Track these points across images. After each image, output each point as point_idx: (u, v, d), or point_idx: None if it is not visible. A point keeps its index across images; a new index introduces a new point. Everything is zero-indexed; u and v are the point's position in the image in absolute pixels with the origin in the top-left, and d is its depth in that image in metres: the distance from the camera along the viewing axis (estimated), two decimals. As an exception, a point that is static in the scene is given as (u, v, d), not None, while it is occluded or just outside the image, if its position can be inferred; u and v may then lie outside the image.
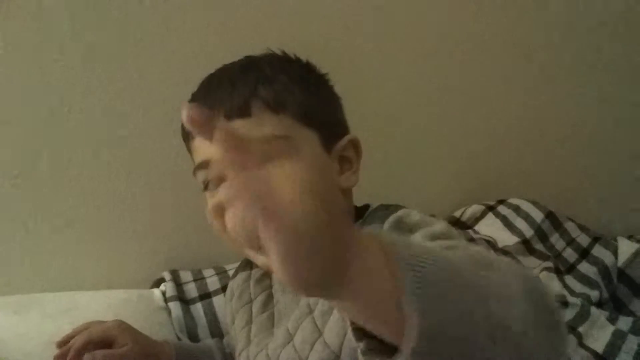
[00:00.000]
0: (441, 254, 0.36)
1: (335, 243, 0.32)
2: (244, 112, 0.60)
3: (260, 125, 0.59)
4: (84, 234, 0.98)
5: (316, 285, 0.32)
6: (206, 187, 0.64)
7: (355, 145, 0.67)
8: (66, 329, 0.74)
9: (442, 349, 0.32)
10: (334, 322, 0.57)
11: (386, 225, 0.55)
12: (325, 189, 0.58)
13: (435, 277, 0.33)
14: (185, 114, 0.30)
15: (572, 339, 0.86)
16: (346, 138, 0.66)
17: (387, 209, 0.63)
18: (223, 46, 0.92)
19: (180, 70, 0.96)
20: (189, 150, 0.67)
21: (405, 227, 0.54)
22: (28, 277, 0.94)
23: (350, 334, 0.53)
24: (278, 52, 0.69)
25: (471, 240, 1.08)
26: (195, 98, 0.66)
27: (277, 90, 0.61)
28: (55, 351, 0.70)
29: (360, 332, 0.36)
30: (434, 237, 0.50)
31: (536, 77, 1.27)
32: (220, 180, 0.61)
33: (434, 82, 1.20)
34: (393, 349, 0.34)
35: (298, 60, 0.69)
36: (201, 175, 0.63)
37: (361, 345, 0.36)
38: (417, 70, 1.18)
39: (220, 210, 0.57)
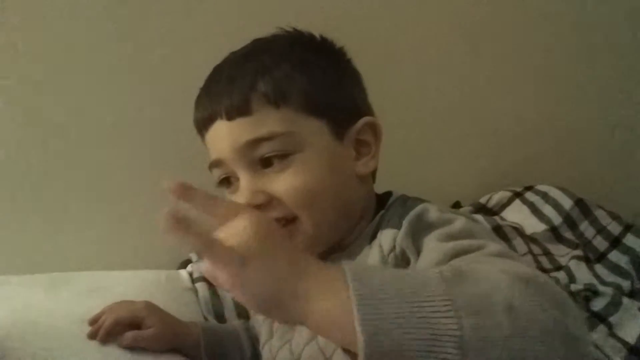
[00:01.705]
0: (407, 279, 0.38)
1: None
2: (243, 110, 0.58)
3: (261, 123, 0.58)
4: (113, 215, 0.99)
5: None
6: (221, 183, 0.64)
7: (373, 127, 0.63)
8: (96, 308, 0.75)
9: None
10: None
11: (404, 224, 0.54)
12: (338, 181, 0.59)
13: (393, 301, 0.35)
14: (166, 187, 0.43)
15: (602, 329, 0.85)
16: (362, 121, 0.62)
17: (405, 204, 0.61)
18: (241, 24, 0.91)
19: (202, 52, 0.96)
20: (204, 144, 0.67)
21: (422, 226, 0.53)
22: (58, 257, 0.97)
23: None
24: (289, 30, 0.66)
25: (497, 228, 1.06)
26: (200, 94, 0.65)
27: (277, 81, 0.59)
28: (86, 329, 0.72)
29: None
30: (450, 237, 0.49)
31: (567, 59, 1.24)
32: (233, 177, 0.61)
33: (461, 64, 1.18)
34: None
35: (308, 39, 0.65)
36: (215, 172, 0.63)
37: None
38: (443, 51, 1.16)
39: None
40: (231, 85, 0.60)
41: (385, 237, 0.57)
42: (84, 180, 0.97)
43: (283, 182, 0.58)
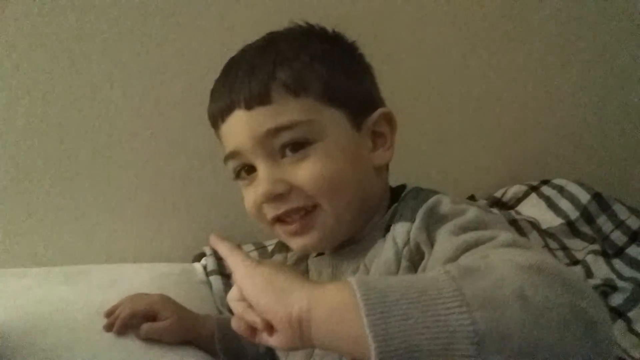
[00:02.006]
0: (411, 280, 0.38)
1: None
2: (263, 99, 0.58)
3: (281, 112, 0.57)
4: (129, 209, 1.00)
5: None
6: (237, 175, 0.63)
7: (388, 118, 0.63)
8: (112, 300, 0.76)
9: None
10: None
11: (418, 218, 0.53)
12: (356, 171, 0.58)
13: (400, 304, 0.35)
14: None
15: (620, 324, 0.84)
16: (377, 112, 0.62)
17: (418, 196, 0.60)
18: (246, 20, 0.91)
19: (217, 43, 0.96)
20: (218, 138, 0.66)
21: (435, 219, 0.52)
22: (75, 250, 0.98)
23: None
24: (302, 24, 0.66)
25: (513, 222, 1.05)
26: (217, 85, 0.65)
27: (297, 71, 0.59)
28: (102, 321, 0.73)
29: None
30: (462, 229, 0.48)
31: (587, 48, 1.22)
32: (251, 168, 0.61)
33: (476, 57, 1.17)
34: None
35: (322, 31, 0.65)
36: (231, 164, 0.63)
37: None
38: (457, 42, 1.15)
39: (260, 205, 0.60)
40: (250, 75, 0.59)
41: (399, 230, 0.56)
42: (100, 173, 0.98)
43: (304, 171, 0.57)
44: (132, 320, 0.73)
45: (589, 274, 0.96)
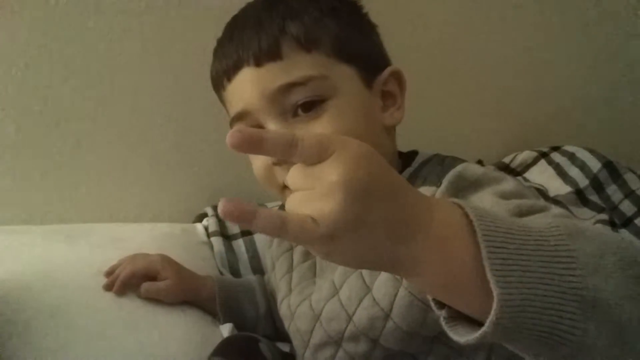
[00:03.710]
0: (526, 227, 0.34)
1: (395, 202, 0.32)
2: (274, 54, 0.55)
3: (293, 68, 0.55)
4: (131, 168, 0.99)
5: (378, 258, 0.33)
6: None
7: (397, 77, 0.61)
8: (113, 260, 0.76)
9: (528, 321, 0.31)
10: (384, 279, 0.54)
11: (445, 183, 0.50)
12: (369, 130, 0.54)
13: (521, 253, 0.32)
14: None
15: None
16: (387, 70, 0.60)
17: (443, 163, 0.58)
18: None
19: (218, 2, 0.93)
20: (222, 100, 0.64)
21: (467, 184, 0.50)
22: (77, 209, 0.97)
23: (403, 293, 0.51)
24: None
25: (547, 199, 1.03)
26: (221, 44, 0.62)
27: (307, 25, 0.56)
28: (102, 281, 0.73)
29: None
30: (506, 195, 0.45)
31: (592, 18, 1.17)
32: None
33: (484, 22, 1.12)
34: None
35: None
36: (238, 126, 0.59)
37: (443, 313, 0.35)
38: (468, 6, 1.10)
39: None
40: (259, 30, 0.56)
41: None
42: (102, 134, 0.97)
43: (319, 130, 0.54)
44: (132, 280, 0.73)
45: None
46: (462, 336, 0.33)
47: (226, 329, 0.75)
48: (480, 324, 0.32)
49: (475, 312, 0.33)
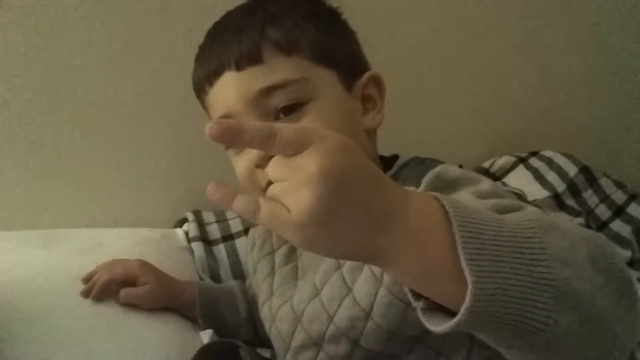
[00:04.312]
0: (500, 219, 0.35)
1: (372, 193, 0.33)
2: (255, 58, 0.56)
3: (273, 71, 0.56)
4: (109, 172, 0.98)
5: (352, 249, 0.34)
6: None
7: (377, 82, 0.62)
8: (91, 265, 0.75)
9: (501, 310, 0.32)
10: (365, 279, 0.55)
11: (423, 184, 0.51)
12: (350, 133, 0.55)
13: (494, 243, 0.33)
14: (207, 132, 0.32)
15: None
16: (367, 75, 0.61)
17: (422, 164, 0.59)
18: None
19: (200, 9, 0.93)
20: (204, 106, 0.64)
21: (444, 184, 0.50)
22: (55, 213, 0.96)
23: (383, 292, 0.52)
24: None
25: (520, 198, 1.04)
26: (202, 50, 0.62)
27: (287, 30, 0.57)
28: (79, 287, 0.72)
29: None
30: (483, 196, 0.46)
31: (572, 23, 1.20)
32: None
33: (465, 25, 1.14)
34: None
35: None
36: (217, 119, 0.61)
37: (420, 304, 0.36)
38: (447, 11, 1.12)
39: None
40: (240, 35, 0.58)
41: None
42: (80, 137, 0.95)
43: None
44: (111, 286, 0.72)
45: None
46: (437, 325, 0.34)
47: (206, 335, 0.74)
48: (456, 315, 0.33)
49: (451, 302, 0.34)
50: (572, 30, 1.20)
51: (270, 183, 0.43)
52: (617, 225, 1.03)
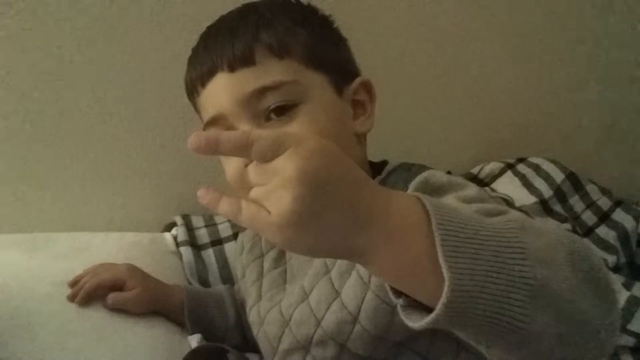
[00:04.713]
0: (480, 219, 0.36)
1: (353, 193, 0.34)
2: (247, 60, 0.57)
3: (265, 73, 0.57)
4: (97, 176, 0.98)
5: (335, 246, 0.34)
6: None
7: (367, 87, 0.63)
8: (77, 270, 0.75)
9: (478, 307, 0.33)
10: (353, 283, 0.55)
11: (410, 189, 0.52)
12: (341, 136, 0.56)
13: (473, 242, 0.33)
14: (189, 146, 0.34)
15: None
16: (357, 80, 0.63)
17: (410, 170, 0.60)
18: None
19: (191, 12, 0.93)
20: (195, 107, 0.64)
21: (431, 189, 0.51)
22: (41, 217, 0.95)
23: (370, 296, 0.53)
24: None
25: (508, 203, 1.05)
26: (195, 51, 0.63)
27: (280, 33, 0.58)
28: (66, 291, 0.71)
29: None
30: (468, 200, 0.47)
31: (558, 30, 1.21)
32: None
33: (451, 32, 1.15)
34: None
35: (298, 2, 0.65)
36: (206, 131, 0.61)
37: (400, 301, 0.36)
38: (434, 19, 1.13)
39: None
40: (233, 37, 0.58)
41: None
42: (67, 140, 0.95)
43: None
44: (98, 291, 0.71)
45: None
46: (415, 322, 0.34)
47: (194, 340, 0.74)
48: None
49: (430, 300, 0.34)
50: (558, 38, 1.22)
51: None
52: (603, 231, 1.04)
